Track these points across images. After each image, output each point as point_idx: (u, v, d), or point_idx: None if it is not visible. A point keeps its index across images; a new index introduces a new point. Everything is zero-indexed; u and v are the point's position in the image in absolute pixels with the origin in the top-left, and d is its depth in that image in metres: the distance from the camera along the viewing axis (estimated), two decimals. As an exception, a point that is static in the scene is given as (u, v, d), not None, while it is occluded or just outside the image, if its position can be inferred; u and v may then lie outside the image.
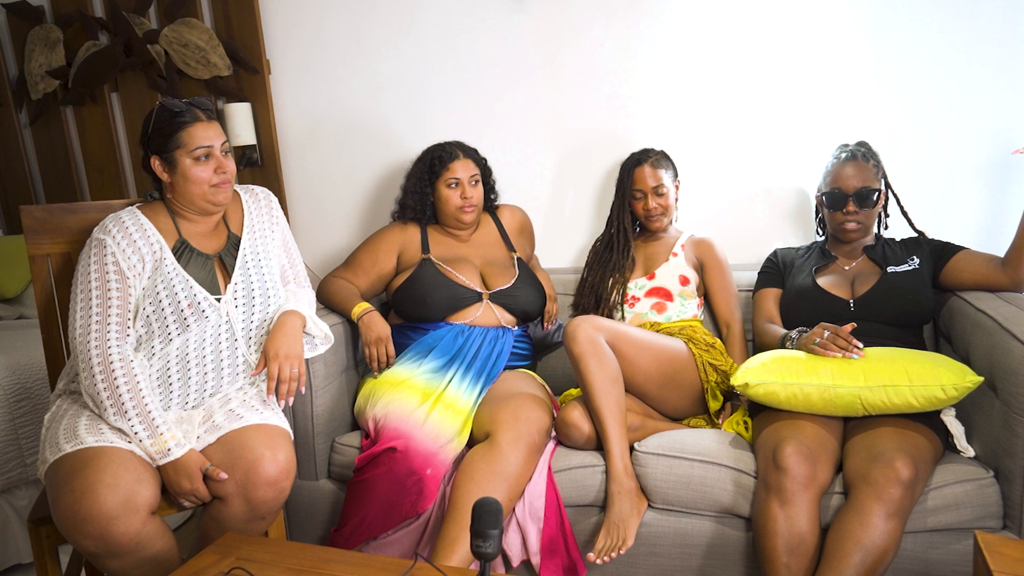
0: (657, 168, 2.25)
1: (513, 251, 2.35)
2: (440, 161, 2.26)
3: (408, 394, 1.97)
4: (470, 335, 2.12)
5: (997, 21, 2.21)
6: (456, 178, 2.23)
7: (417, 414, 1.91)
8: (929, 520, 1.67)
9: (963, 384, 1.68)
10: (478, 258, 2.28)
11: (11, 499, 2.26)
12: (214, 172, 1.71)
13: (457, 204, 2.24)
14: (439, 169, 2.25)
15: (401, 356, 2.11)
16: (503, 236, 2.37)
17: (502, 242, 2.36)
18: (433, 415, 1.92)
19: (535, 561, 1.83)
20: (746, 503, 1.76)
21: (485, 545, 1.21)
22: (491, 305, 2.18)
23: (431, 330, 2.14)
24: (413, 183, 2.31)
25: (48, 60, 2.92)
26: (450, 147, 2.28)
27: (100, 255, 1.65)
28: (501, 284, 2.21)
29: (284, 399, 1.74)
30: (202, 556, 1.40)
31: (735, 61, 2.39)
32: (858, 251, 2.12)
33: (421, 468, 1.82)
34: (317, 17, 2.66)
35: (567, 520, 1.85)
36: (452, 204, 2.24)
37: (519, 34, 2.51)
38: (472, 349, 2.09)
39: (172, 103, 1.70)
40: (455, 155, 2.26)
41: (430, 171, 2.27)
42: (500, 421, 1.87)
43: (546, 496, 1.85)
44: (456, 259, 2.24)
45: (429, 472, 1.82)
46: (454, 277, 2.17)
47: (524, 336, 2.26)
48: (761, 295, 2.17)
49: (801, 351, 1.85)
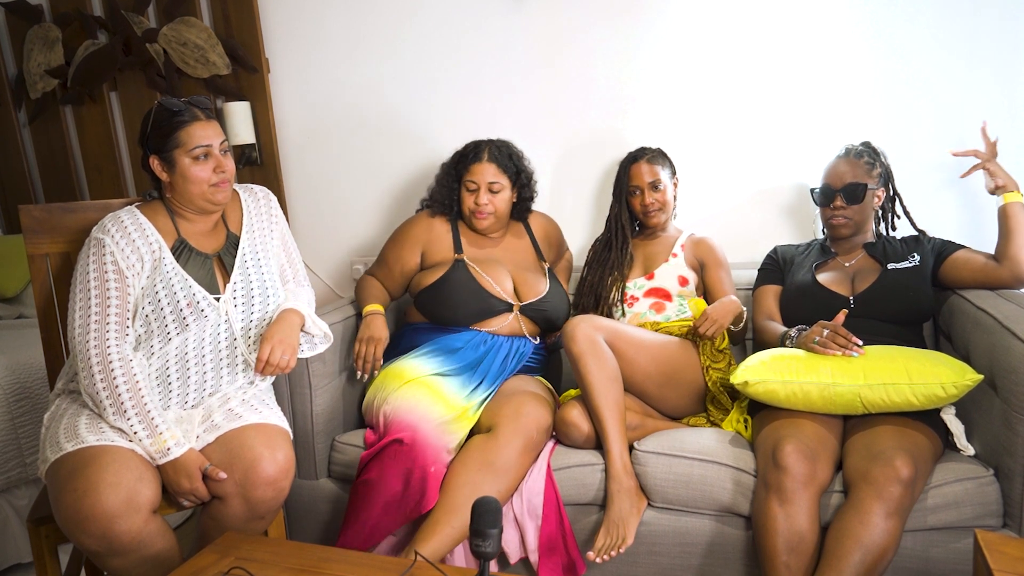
0: (654, 164, 2.25)
1: (544, 260, 2.29)
2: (464, 160, 2.20)
3: (423, 392, 1.93)
4: (493, 344, 2.09)
5: (995, 23, 2.21)
6: (474, 181, 2.16)
7: (429, 410, 1.88)
8: (929, 518, 1.67)
9: (963, 382, 1.68)
10: (511, 262, 2.21)
11: (11, 498, 2.26)
12: (213, 171, 1.71)
13: (470, 208, 2.17)
14: (462, 168, 2.20)
15: (417, 350, 2.08)
16: (534, 245, 2.31)
17: (533, 251, 2.30)
18: (445, 415, 1.89)
19: (533, 559, 1.83)
20: (746, 502, 1.75)
21: (484, 544, 1.21)
22: (520, 316, 2.15)
23: (454, 332, 2.10)
24: (442, 175, 2.25)
25: (47, 59, 2.91)
26: (480, 147, 2.20)
27: (99, 255, 1.64)
28: (532, 296, 2.16)
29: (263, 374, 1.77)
30: (202, 555, 1.40)
31: (734, 60, 2.38)
32: (858, 248, 2.12)
33: (426, 464, 1.79)
34: (316, 16, 2.66)
35: (566, 518, 1.85)
36: (466, 206, 2.18)
37: (518, 34, 2.51)
38: (495, 360, 2.06)
39: (171, 102, 1.70)
40: (479, 157, 2.17)
41: (456, 168, 2.21)
42: (502, 415, 1.87)
43: (545, 494, 1.85)
44: (489, 261, 2.18)
45: (433, 470, 1.80)
46: (488, 286, 2.11)
47: (542, 349, 2.24)
48: (761, 292, 2.17)
49: (800, 349, 1.85)
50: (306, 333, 1.84)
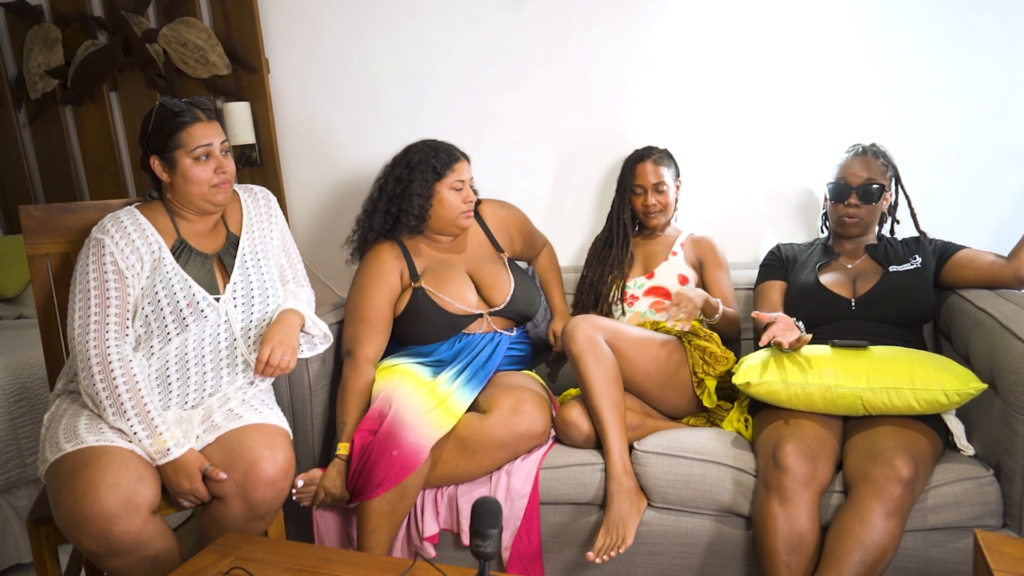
0: (659, 165, 2.25)
1: (501, 251, 2.22)
2: (444, 163, 2.08)
3: (401, 377, 1.93)
4: (469, 342, 2.08)
5: (996, 23, 2.21)
6: (461, 180, 2.08)
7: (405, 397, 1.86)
8: (929, 518, 1.67)
9: (966, 390, 1.68)
10: (468, 263, 2.14)
11: (11, 499, 2.26)
12: (214, 172, 1.71)
13: (461, 209, 2.08)
14: (442, 170, 2.07)
15: (393, 354, 2.09)
16: (488, 236, 2.23)
17: (488, 243, 2.22)
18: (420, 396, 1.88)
19: (504, 555, 1.85)
20: (746, 502, 1.75)
21: (484, 544, 1.21)
22: (490, 319, 2.12)
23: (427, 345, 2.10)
24: (399, 188, 2.09)
25: (47, 59, 2.91)
26: (448, 147, 2.12)
27: (98, 255, 1.64)
28: (499, 298, 2.10)
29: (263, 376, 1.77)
30: (202, 556, 1.40)
31: (735, 59, 2.38)
32: (860, 250, 2.12)
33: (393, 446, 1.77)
34: (316, 16, 2.66)
35: (538, 520, 1.87)
36: (455, 209, 2.08)
37: (518, 34, 2.51)
38: (472, 352, 2.06)
39: (172, 103, 1.70)
40: (457, 156, 2.10)
41: (434, 172, 2.07)
42: (499, 404, 1.88)
43: (530, 499, 1.86)
44: (448, 274, 2.10)
45: (396, 453, 1.76)
46: (451, 308, 2.05)
47: (523, 338, 2.22)
48: (764, 288, 2.16)
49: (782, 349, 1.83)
50: (306, 333, 1.84)
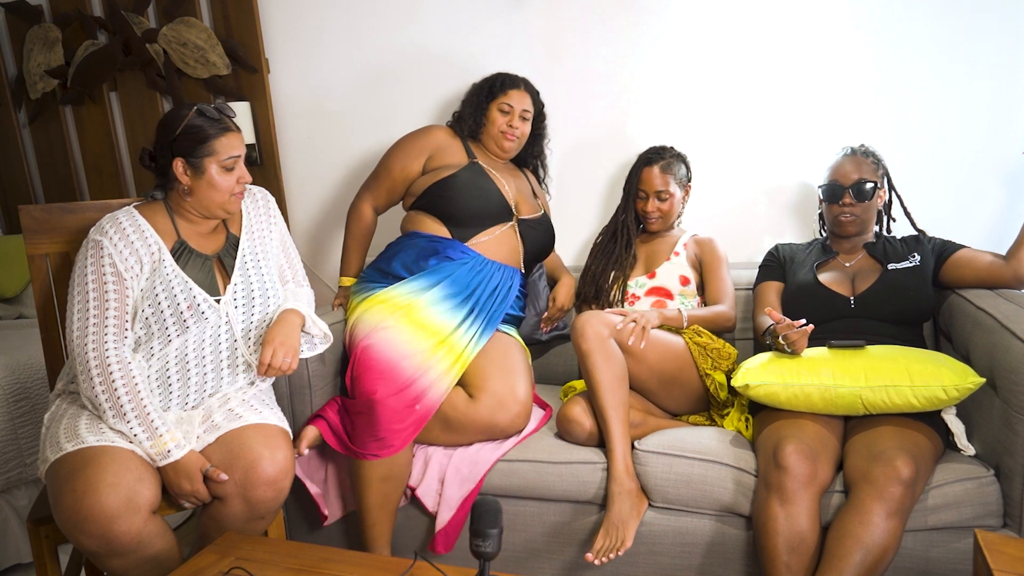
0: (666, 173, 2.24)
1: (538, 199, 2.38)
2: (501, 85, 2.27)
3: (412, 330, 1.96)
4: (484, 269, 2.12)
5: (996, 23, 2.21)
6: (510, 104, 2.25)
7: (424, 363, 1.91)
8: (929, 519, 1.67)
9: (964, 385, 1.68)
10: (512, 183, 2.28)
11: (11, 499, 2.26)
12: (236, 182, 1.72)
13: (501, 128, 2.25)
14: (497, 91, 2.27)
15: (410, 279, 2.09)
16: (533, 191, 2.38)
17: (530, 189, 2.37)
18: (437, 363, 1.93)
19: (444, 516, 1.88)
20: (746, 502, 1.75)
21: (484, 544, 1.21)
22: (515, 232, 2.20)
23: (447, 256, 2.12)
24: (471, 95, 2.32)
25: (47, 59, 2.91)
26: (517, 78, 2.31)
27: (97, 257, 1.64)
28: (529, 214, 2.25)
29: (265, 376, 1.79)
30: (202, 556, 1.40)
31: (735, 59, 2.39)
32: (859, 248, 2.12)
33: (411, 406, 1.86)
34: (316, 15, 2.66)
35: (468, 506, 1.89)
36: (496, 126, 2.25)
37: (518, 34, 2.51)
38: (487, 287, 2.10)
39: (209, 110, 1.71)
40: (518, 84, 2.28)
41: (489, 92, 2.28)
42: (489, 389, 1.93)
43: (484, 474, 1.90)
44: (494, 171, 2.25)
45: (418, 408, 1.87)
46: (500, 185, 2.20)
47: (523, 285, 2.27)
48: (762, 288, 2.17)
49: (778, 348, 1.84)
50: (306, 333, 1.84)
